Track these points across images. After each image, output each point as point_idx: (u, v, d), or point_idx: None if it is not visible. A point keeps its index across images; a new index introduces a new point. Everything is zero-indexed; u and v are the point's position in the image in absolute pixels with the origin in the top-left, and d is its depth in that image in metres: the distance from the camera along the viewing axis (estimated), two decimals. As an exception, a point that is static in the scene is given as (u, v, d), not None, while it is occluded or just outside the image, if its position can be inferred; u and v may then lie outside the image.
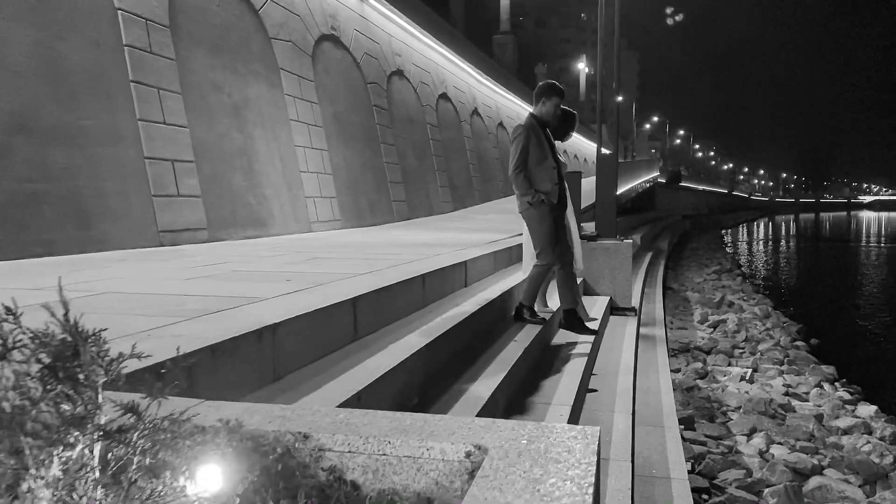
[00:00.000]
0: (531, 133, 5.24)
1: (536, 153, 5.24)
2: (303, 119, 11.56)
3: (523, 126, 5.27)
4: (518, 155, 5.19)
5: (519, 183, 5.22)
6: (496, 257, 7.54)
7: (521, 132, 5.21)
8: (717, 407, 8.23)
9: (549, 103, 5.33)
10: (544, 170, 5.27)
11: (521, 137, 5.19)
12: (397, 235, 10.34)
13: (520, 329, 5.63)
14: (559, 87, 5.43)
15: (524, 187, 5.20)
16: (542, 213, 5.27)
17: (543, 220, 5.28)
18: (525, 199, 5.24)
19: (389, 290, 4.29)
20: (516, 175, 5.21)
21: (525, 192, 5.21)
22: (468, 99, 23.19)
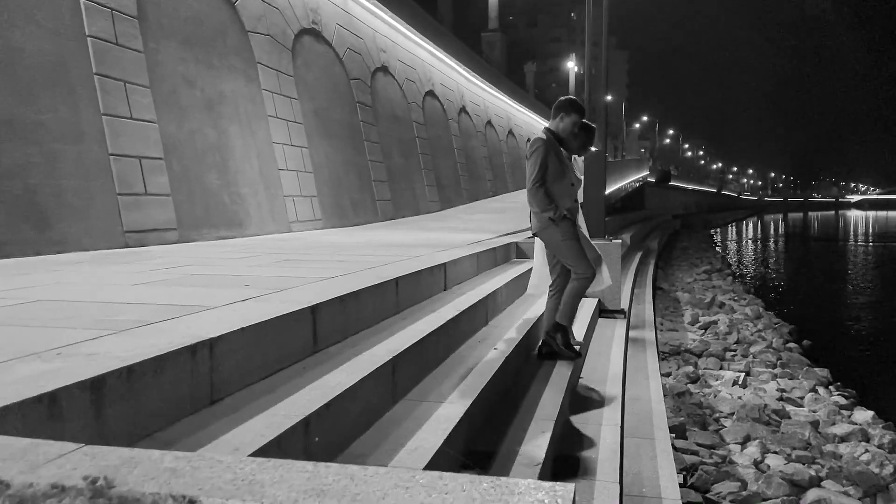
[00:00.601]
0: (549, 148, 4.89)
1: (555, 169, 4.91)
2: (282, 115, 11.18)
3: (541, 140, 4.91)
4: (537, 170, 4.83)
5: (539, 199, 4.85)
6: (479, 259, 7.20)
7: (540, 146, 4.86)
8: (709, 413, 7.93)
9: (568, 119, 4.97)
10: (563, 187, 4.96)
11: (540, 152, 4.84)
12: (379, 236, 9.99)
13: (503, 334, 5.29)
14: (579, 104, 5.07)
15: (545, 203, 4.84)
16: (566, 228, 4.93)
17: (568, 235, 4.94)
18: (546, 215, 4.86)
19: (357, 297, 3.94)
20: (536, 190, 4.84)
21: (546, 208, 4.85)
22: (456, 97, 22.85)
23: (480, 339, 5.03)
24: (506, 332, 5.37)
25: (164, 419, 2.30)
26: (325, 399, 2.67)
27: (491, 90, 27.72)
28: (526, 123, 35.59)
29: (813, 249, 46.69)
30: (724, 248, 44.01)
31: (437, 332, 4.20)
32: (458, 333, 4.68)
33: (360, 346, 3.56)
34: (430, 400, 3.47)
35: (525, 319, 5.98)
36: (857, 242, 54.33)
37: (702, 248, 36.74)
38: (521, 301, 7.06)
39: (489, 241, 9.31)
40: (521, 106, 33.92)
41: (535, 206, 4.91)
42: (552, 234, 4.96)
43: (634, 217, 27.61)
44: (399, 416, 3.22)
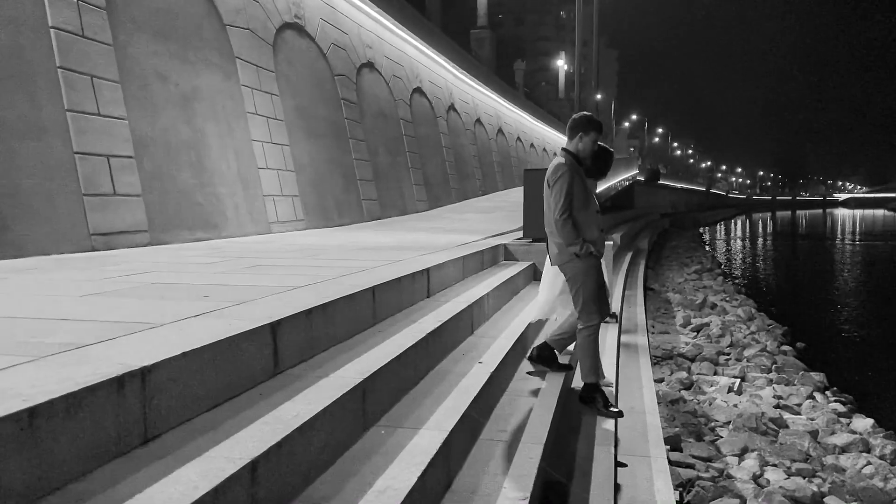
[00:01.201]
0: (574, 173, 4.49)
1: (580, 196, 4.51)
2: (261, 112, 10.78)
3: (565, 165, 4.49)
4: (563, 199, 4.43)
5: (567, 231, 4.45)
6: (465, 262, 6.86)
7: (564, 172, 4.45)
8: (704, 423, 7.62)
9: (587, 139, 4.57)
10: (589, 216, 4.57)
11: (565, 178, 4.43)
12: (363, 237, 9.62)
13: (489, 345, 4.95)
14: (597, 121, 4.66)
15: (572, 236, 4.45)
16: (589, 266, 4.55)
17: (590, 274, 4.56)
18: (572, 250, 4.48)
19: (326, 309, 3.58)
20: (564, 221, 4.44)
21: (572, 242, 4.45)
22: (444, 94, 22.48)
23: (465, 351, 4.69)
24: (492, 342, 5.03)
25: (81, 466, 1.94)
26: (279, 435, 2.31)
27: (480, 88, 27.37)
28: (515, 122, 35.27)
29: (801, 248, 46.68)
30: (713, 247, 43.91)
31: (416, 346, 3.85)
32: (440, 346, 4.33)
33: (327, 367, 3.20)
34: (405, 426, 3.13)
35: (512, 327, 5.65)
36: (844, 241, 54.39)
37: (691, 248, 36.57)
38: (509, 307, 6.72)
39: (476, 242, 8.97)
40: (510, 104, 33.58)
41: (561, 238, 4.51)
42: (575, 269, 4.58)
43: (624, 216, 27.35)
44: (369, 447, 2.87)
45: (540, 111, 42.51)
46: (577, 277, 4.59)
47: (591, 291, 4.59)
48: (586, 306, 4.61)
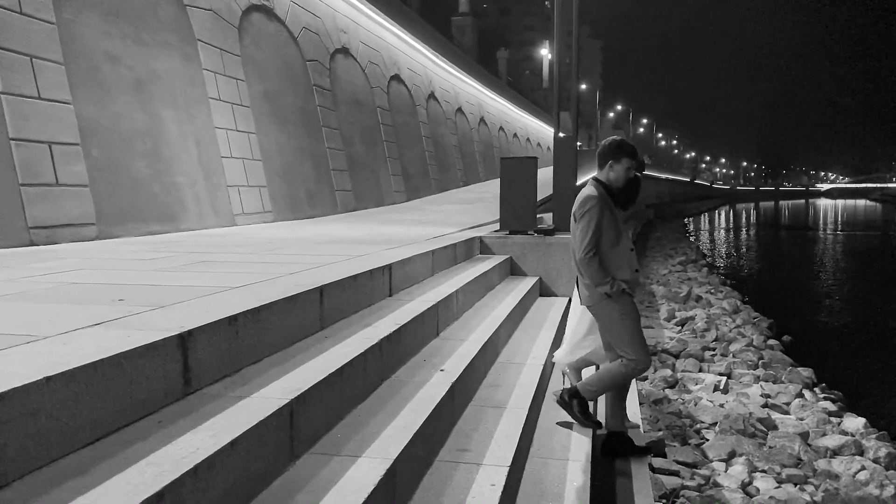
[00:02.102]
0: (604, 207, 3.98)
1: (611, 233, 4.00)
2: (225, 98, 10.23)
3: (595, 198, 3.97)
4: (591, 235, 3.93)
5: (592, 270, 3.96)
6: (435, 257, 6.39)
7: (594, 206, 3.94)
8: (689, 424, 7.23)
9: (619, 167, 4.04)
10: (621, 253, 4.04)
11: (594, 213, 3.93)
12: (331, 230, 9.13)
13: (455, 349, 4.50)
14: (629, 145, 4.13)
15: (599, 275, 3.96)
16: (625, 306, 4.03)
17: (627, 315, 4.04)
18: (601, 290, 3.98)
19: (260, 315, 3.10)
20: (589, 260, 3.95)
21: (601, 282, 3.97)
22: (424, 82, 21.94)
23: (427, 356, 4.23)
24: (459, 345, 4.58)
25: None
26: (164, 481, 1.84)
27: (461, 76, 26.83)
28: (498, 111, 34.78)
29: (785, 238, 46.66)
30: (697, 238, 43.75)
31: (367, 354, 3.39)
32: (396, 353, 3.87)
33: (253, 384, 2.73)
34: (344, 454, 2.66)
35: (483, 328, 5.20)
36: (826, 231, 54.52)
37: (676, 238, 36.36)
38: (482, 305, 6.27)
39: (450, 235, 8.51)
40: (493, 93, 33.07)
41: (588, 278, 4.02)
42: (608, 311, 4.05)
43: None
44: (295, 482, 2.40)
45: (523, 100, 42.03)
46: (612, 321, 4.06)
47: (632, 331, 4.05)
48: (631, 346, 4.05)
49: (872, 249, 36.60)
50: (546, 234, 8.47)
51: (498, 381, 4.56)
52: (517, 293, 7.14)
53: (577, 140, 8.86)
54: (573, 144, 8.71)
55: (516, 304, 6.52)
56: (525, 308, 7.15)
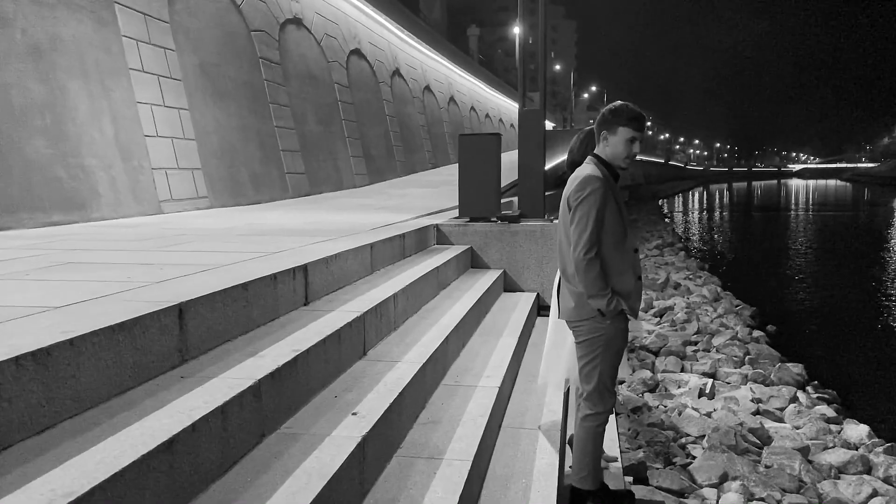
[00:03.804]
0: (608, 192, 2.97)
1: (614, 225, 2.99)
2: (150, 69, 9.04)
3: (597, 180, 2.95)
4: (591, 228, 2.92)
5: (591, 277, 2.94)
6: (376, 251, 5.37)
7: (595, 189, 2.92)
8: (673, 438, 6.32)
9: (614, 138, 3.02)
10: (624, 255, 3.04)
11: (595, 199, 2.92)
12: (269, 218, 8.05)
13: (383, 374, 3.51)
14: (631, 110, 3.03)
15: (597, 285, 2.95)
16: (615, 334, 3.08)
17: (614, 343, 3.10)
18: (595, 305, 2.99)
19: (51, 357, 2.06)
20: (589, 262, 2.93)
21: (598, 292, 2.95)
22: (388, 58, 20.74)
23: (341, 390, 3.22)
24: (389, 369, 3.57)
25: None
26: None
27: (429, 53, 25.64)
28: (469, 90, 33.63)
29: (759, 219, 46.38)
30: (671, 219, 43.21)
31: (234, 402, 2.38)
32: (291, 391, 2.85)
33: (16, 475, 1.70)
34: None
35: (427, 340, 4.21)
36: (798, 211, 54.50)
37: (651, 221, 35.69)
38: (431, 309, 5.27)
39: (403, 223, 7.50)
40: (463, 71, 31.89)
41: (580, 285, 3.00)
42: (593, 334, 3.08)
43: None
44: None
45: (496, 80, 40.91)
46: (594, 344, 3.10)
47: (609, 368, 3.14)
48: (599, 387, 3.16)
49: (844, 229, 36.38)
50: (511, 222, 7.49)
51: (438, 415, 3.57)
52: (476, 290, 6.15)
53: (545, 114, 7.84)
54: (541, 117, 7.69)
55: (473, 305, 5.54)
56: (485, 308, 6.17)
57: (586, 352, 3.15)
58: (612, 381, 3.20)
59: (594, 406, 3.24)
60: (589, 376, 3.18)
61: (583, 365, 3.19)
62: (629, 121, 3.00)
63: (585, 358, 3.16)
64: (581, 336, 3.15)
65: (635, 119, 3.01)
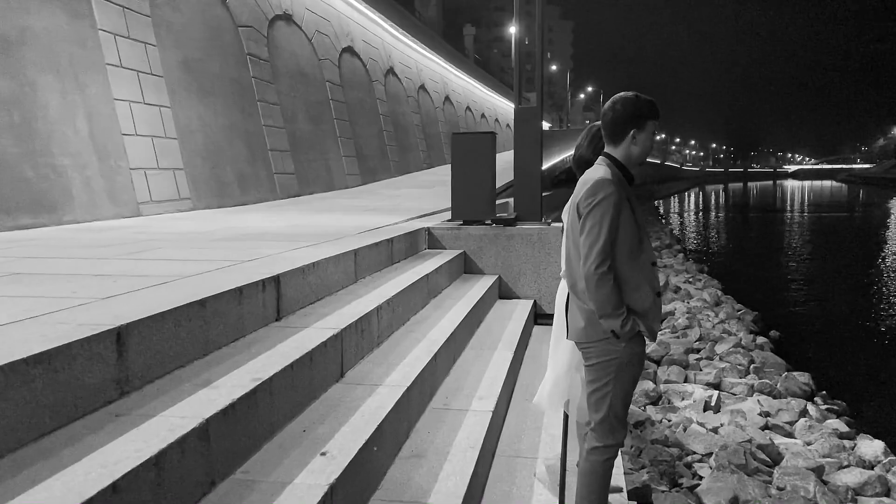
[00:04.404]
0: (624, 199, 2.59)
1: (629, 236, 2.60)
2: (130, 65, 8.64)
3: (611, 184, 2.56)
4: (604, 239, 2.53)
5: (604, 293, 2.55)
6: (359, 258, 4.97)
7: (610, 195, 2.53)
8: (678, 456, 5.95)
9: (643, 135, 2.67)
10: (641, 268, 2.64)
11: (610, 205, 2.53)
12: (252, 220, 7.65)
13: (362, 400, 3.12)
14: (650, 101, 2.69)
15: (610, 302, 2.55)
16: (630, 358, 2.68)
17: (629, 369, 2.70)
18: (609, 326, 2.59)
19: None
20: (601, 277, 2.53)
21: (611, 312, 2.55)
22: (382, 56, 20.34)
23: (310, 422, 2.83)
24: (369, 395, 3.18)
25: None
26: None
27: (424, 52, 25.24)
28: (465, 90, 33.25)
29: (755, 221, 46.16)
30: (668, 221, 42.90)
31: (177, 446, 1.99)
32: (250, 427, 2.46)
33: None
34: None
35: (412, 359, 3.82)
36: (794, 213, 54.37)
37: (648, 222, 35.36)
38: (420, 320, 4.88)
39: (393, 226, 7.11)
40: (459, 71, 31.50)
41: (592, 302, 2.60)
42: (606, 356, 2.68)
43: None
44: None
45: (492, 80, 40.53)
46: (605, 369, 2.71)
47: (621, 396, 2.75)
48: (609, 418, 2.77)
49: (840, 230, 36.18)
50: (506, 225, 7.10)
51: (424, 447, 3.18)
52: (469, 299, 5.77)
53: (542, 112, 7.46)
54: (537, 116, 7.31)
55: (466, 315, 5.15)
56: (478, 318, 5.78)
57: (596, 377, 2.77)
58: (623, 410, 2.82)
59: (602, 438, 2.85)
60: (598, 405, 2.80)
61: (592, 391, 2.81)
62: (655, 115, 2.66)
63: (595, 384, 2.79)
64: (591, 359, 2.77)
65: (657, 113, 2.68)
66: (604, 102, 2.96)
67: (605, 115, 2.77)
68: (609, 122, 2.74)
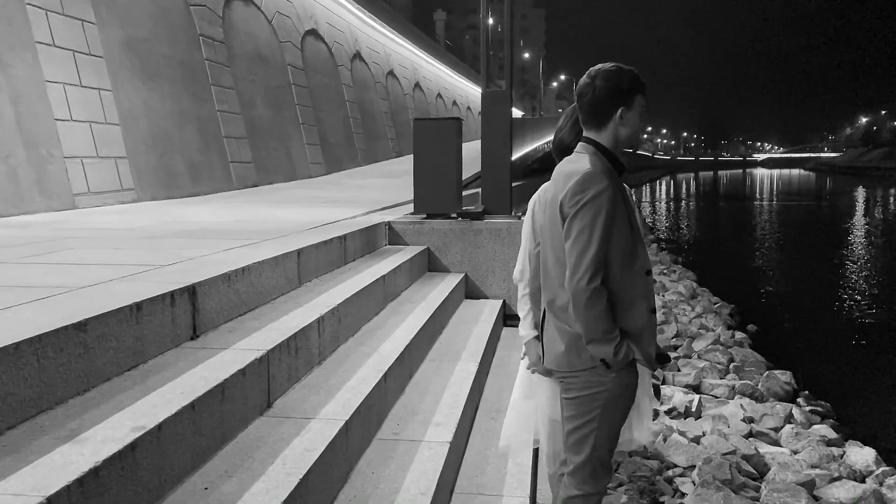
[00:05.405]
0: (618, 196, 2.10)
1: (622, 241, 2.09)
2: (64, 44, 7.91)
3: (604, 178, 2.06)
4: (595, 246, 2.01)
5: (593, 314, 2.04)
6: (303, 259, 4.40)
7: (603, 191, 2.03)
8: (658, 470, 5.49)
9: (632, 114, 2.17)
10: (634, 279, 2.14)
11: (601, 203, 2.03)
12: (196, 214, 7.01)
13: (289, 441, 2.58)
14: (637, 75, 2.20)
15: (602, 325, 2.05)
16: (622, 389, 2.20)
17: (616, 403, 2.22)
18: (599, 351, 2.08)
19: None
20: (594, 293, 2.03)
21: (602, 336, 2.05)
22: (347, 40, 19.62)
23: (217, 476, 2.26)
24: (299, 432, 2.62)
25: None
26: None
27: (393, 36, 24.53)
28: (436, 76, 32.58)
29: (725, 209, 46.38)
30: (640, 210, 42.79)
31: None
32: (126, 493, 1.90)
33: None
34: None
35: (360, 379, 3.28)
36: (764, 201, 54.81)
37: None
38: (375, 327, 4.33)
39: (351, 220, 6.54)
40: (430, 57, 30.81)
41: (579, 323, 2.08)
42: (590, 388, 2.18)
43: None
44: None
45: (464, 66, 39.90)
46: (590, 404, 2.20)
47: (608, 436, 2.27)
48: (592, 461, 2.28)
49: (808, 219, 36.45)
50: (473, 219, 6.57)
51: (366, 492, 2.64)
52: (431, 301, 5.24)
53: (512, 97, 6.92)
54: (506, 100, 6.77)
55: (427, 321, 4.62)
56: (441, 323, 5.25)
57: (577, 412, 2.24)
58: (609, 454, 2.31)
59: (582, 485, 2.34)
60: (579, 445, 2.28)
61: (572, 429, 2.29)
62: (642, 85, 2.15)
63: (576, 420, 2.26)
64: (572, 391, 2.24)
65: (642, 79, 2.17)
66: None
67: (583, 93, 2.23)
68: (588, 102, 2.21)
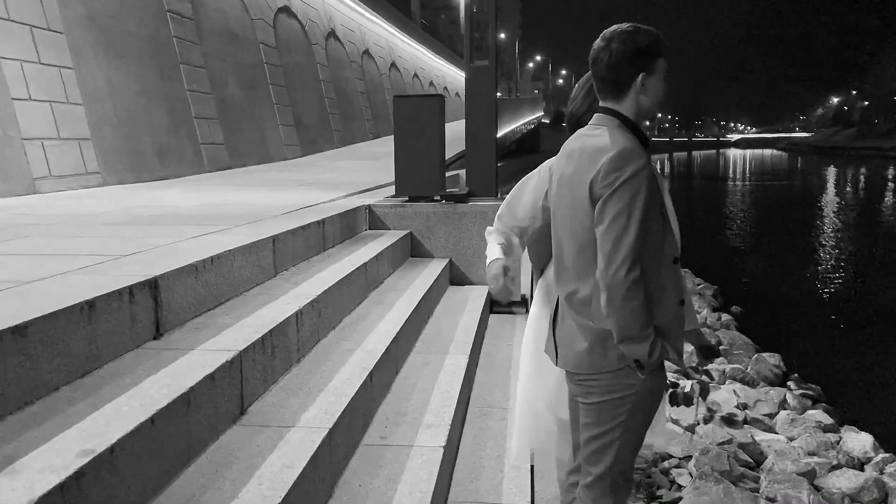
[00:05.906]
0: (656, 181, 1.82)
1: (656, 224, 1.82)
2: (20, 18, 7.42)
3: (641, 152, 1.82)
4: (634, 230, 1.70)
5: (630, 309, 1.73)
6: (278, 247, 4.08)
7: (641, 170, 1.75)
8: (654, 462, 5.29)
9: (655, 80, 1.89)
10: (663, 267, 1.86)
11: (640, 184, 1.73)
12: (164, 198, 6.63)
13: (266, 455, 2.30)
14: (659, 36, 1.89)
15: (639, 321, 1.75)
16: (651, 391, 1.92)
17: (643, 407, 1.96)
18: (634, 350, 1.77)
19: None
20: (631, 285, 1.71)
21: (638, 333, 1.74)
22: (322, 17, 19.08)
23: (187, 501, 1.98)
24: (274, 444, 2.34)
25: None
26: None
27: (368, 14, 23.99)
28: (412, 56, 32.06)
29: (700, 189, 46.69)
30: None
31: None
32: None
33: None
34: None
35: (343, 379, 2.99)
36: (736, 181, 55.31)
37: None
38: (357, 318, 4.04)
39: (330, 203, 6.22)
40: (406, 36, 30.27)
41: (613, 320, 1.77)
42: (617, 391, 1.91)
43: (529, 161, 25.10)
44: None
45: (440, 46, 39.38)
46: (615, 410, 1.93)
47: (632, 445, 2.01)
48: (613, 473, 2.01)
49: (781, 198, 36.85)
50: (457, 201, 6.28)
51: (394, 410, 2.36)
52: (416, 290, 4.95)
53: (497, 72, 6.61)
54: (491, 76, 6.45)
55: (413, 311, 4.34)
56: (427, 313, 4.97)
57: (598, 419, 1.97)
58: (632, 464, 2.05)
59: (600, 499, 2.07)
60: (598, 455, 2.00)
61: (590, 438, 2.01)
62: (666, 48, 1.86)
63: (596, 428, 1.98)
64: (593, 395, 1.96)
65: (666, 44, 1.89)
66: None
67: (598, 59, 1.94)
68: (605, 67, 1.92)
